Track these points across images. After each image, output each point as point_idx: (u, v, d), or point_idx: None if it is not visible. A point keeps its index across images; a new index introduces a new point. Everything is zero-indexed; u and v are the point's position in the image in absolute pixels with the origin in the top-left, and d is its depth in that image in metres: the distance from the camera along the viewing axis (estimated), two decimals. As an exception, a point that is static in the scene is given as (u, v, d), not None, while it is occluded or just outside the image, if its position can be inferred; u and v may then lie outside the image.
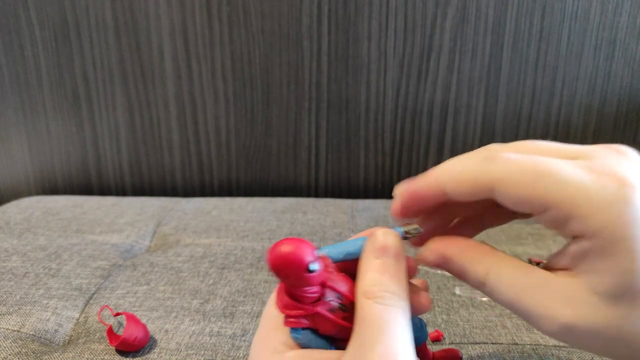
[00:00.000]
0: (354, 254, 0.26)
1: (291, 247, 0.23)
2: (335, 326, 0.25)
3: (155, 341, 0.41)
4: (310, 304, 0.24)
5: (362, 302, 0.24)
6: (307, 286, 0.24)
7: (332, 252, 0.26)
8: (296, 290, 0.24)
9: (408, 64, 0.72)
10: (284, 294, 0.25)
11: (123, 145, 0.78)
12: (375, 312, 0.23)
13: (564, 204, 0.22)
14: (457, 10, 0.69)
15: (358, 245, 0.26)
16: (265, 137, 0.77)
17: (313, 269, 0.23)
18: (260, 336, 0.27)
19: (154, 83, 0.74)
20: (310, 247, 0.23)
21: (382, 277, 0.24)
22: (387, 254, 0.25)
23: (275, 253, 0.23)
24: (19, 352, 0.40)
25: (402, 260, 0.26)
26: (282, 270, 0.23)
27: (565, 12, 0.69)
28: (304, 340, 0.25)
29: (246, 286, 0.49)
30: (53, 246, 0.57)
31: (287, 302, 0.24)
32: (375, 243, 0.25)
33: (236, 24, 0.71)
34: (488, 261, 0.25)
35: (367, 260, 0.25)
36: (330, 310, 0.25)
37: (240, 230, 0.62)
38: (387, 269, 0.25)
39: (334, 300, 0.25)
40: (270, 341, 0.26)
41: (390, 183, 0.79)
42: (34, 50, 0.73)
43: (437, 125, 0.75)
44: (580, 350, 0.39)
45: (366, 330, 0.23)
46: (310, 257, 0.23)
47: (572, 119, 0.74)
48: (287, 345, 0.26)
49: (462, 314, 0.44)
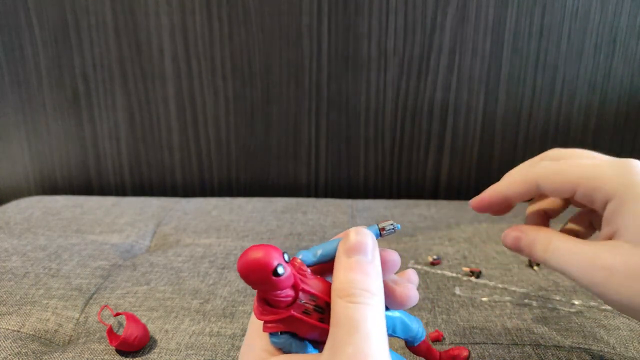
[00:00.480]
0: (328, 255, 0.26)
1: (257, 253, 0.23)
2: (312, 328, 0.25)
3: (155, 341, 0.41)
4: (285, 307, 0.24)
5: (335, 302, 0.24)
6: (277, 290, 0.24)
7: (306, 255, 0.26)
8: (269, 295, 0.24)
9: (408, 63, 0.72)
10: (259, 301, 0.25)
11: (123, 145, 0.78)
12: (346, 312, 0.23)
13: (587, 180, 0.30)
14: (457, 9, 0.69)
15: (332, 246, 0.26)
16: (265, 137, 0.77)
17: (280, 273, 0.23)
18: (245, 343, 0.28)
19: (154, 83, 0.74)
20: (276, 252, 0.24)
21: (354, 275, 0.25)
22: (358, 252, 0.25)
23: (242, 261, 0.23)
24: (19, 352, 0.40)
25: (375, 257, 0.26)
26: (249, 276, 0.23)
27: (566, 11, 0.69)
28: (283, 345, 0.26)
29: (246, 286, 0.49)
30: (53, 246, 0.57)
31: (262, 309, 0.25)
32: (347, 242, 0.26)
33: (236, 23, 0.71)
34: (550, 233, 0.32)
35: (339, 259, 0.26)
36: (304, 313, 0.25)
37: (240, 230, 0.62)
38: (359, 267, 0.25)
39: (308, 303, 0.25)
40: (254, 348, 0.26)
41: (390, 183, 0.78)
42: (34, 50, 0.73)
43: (437, 124, 0.75)
44: (580, 351, 0.39)
45: (338, 330, 0.23)
46: (276, 261, 0.23)
47: (572, 118, 0.74)
48: (268, 352, 0.26)
49: (462, 314, 0.44)
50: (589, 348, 0.40)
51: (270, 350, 0.26)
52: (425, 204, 0.71)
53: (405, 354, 0.37)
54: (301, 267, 0.25)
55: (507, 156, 0.76)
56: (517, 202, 0.34)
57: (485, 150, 0.76)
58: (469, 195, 0.78)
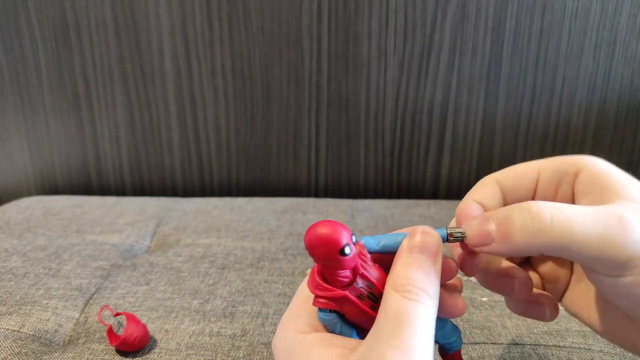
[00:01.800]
0: (391, 247, 0.26)
1: (328, 228, 0.23)
2: (361, 313, 0.25)
3: (155, 341, 0.41)
4: (341, 287, 0.24)
5: (389, 294, 0.24)
6: (339, 269, 0.24)
7: (369, 242, 0.26)
8: (328, 272, 0.24)
9: (408, 63, 0.72)
10: (317, 275, 0.25)
11: (123, 145, 0.78)
12: (398, 305, 0.23)
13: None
14: (457, 9, 0.69)
15: (396, 239, 0.26)
16: (265, 137, 0.77)
17: (346, 253, 0.23)
18: (289, 313, 0.27)
19: (154, 83, 0.74)
20: (347, 231, 0.24)
21: (414, 272, 0.24)
22: (422, 252, 0.25)
23: (312, 233, 0.23)
24: (19, 352, 0.40)
25: (438, 260, 0.25)
26: (316, 250, 0.23)
27: (566, 11, 0.69)
28: (329, 323, 0.25)
29: (246, 286, 0.49)
30: (53, 246, 0.57)
31: (318, 283, 0.25)
32: (413, 240, 0.25)
33: (236, 23, 0.71)
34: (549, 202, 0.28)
35: (402, 255, 0.25)
36: (358, 297, 0.25)
37: (240, 230, 0.62)
38: (420, 266, 0.24)
39: (364, 288, 0.25)
40: (297, 320, 0.26)
41: (390, 183, 0.78)
42: (34, 50, 0.73)
43: (437, 124, 0.75)
44: (580, 351, 0.39)
45: (386, 321, 0.23)
46: (345, 240, 0.23)
47: (572, 118, 0.74)
48: (311, 326, 0.26)
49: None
50: (589, 348, 0.40)
51: (314, 326, 0.26)
52: (425, 204, 0.71)
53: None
54: (362, 252, 0.25)
55: (507, 156, 0.76)
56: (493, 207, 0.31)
57: (485, 150, 0.76)
58: (469, 195, 0.78)
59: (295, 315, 0.27)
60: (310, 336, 0.25)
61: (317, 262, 0.25)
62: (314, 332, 0.25)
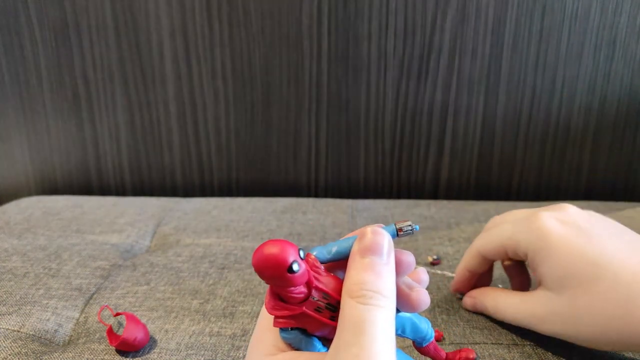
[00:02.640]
0: (343, 253, 0.26)
1: (273, 248, 0.23)
2: (323, 325, 0.25)
3: (155, 341, 0.41)
4: (297, 304, 0.24)
5: (345, 301, 0.24)
6: (291, 286, 0.24)
7: (321, 252, 0.26)
8: (282, 291, 0.24)
9: (408, 64, 0.72)
10: (272, 295, 0.25)
11: (123, 145, 0.78)
12: (355, 312, 0.23)
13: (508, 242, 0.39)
14: (457, 11, 0.69)
15: (347, 244, 0.26)
16: (265, 137, 0.77)
17: (295, 270, 0.23)
18: (255, 337, 0.27)
19: (154, 83, 0.74)
20: (292, 248, 0.23)
21: (366, 275, 0.24)
22: (373, 253, 0.25)
23: (257, 255, 0.23)
24: (19, 352, 0.40)
25: (390, 259, 0.25)
26: (264, 271, 0.23)
27: (565, 12, 0.69)
28: (292, 341, 0.25)
29: (246, 286, 0.49)
30: (53, 246, 0.57)
31: (274, 303, 0.25)
32: (362, 242, 0.25)
33: (236, 24, 0.71)
34: (494, 295, 0.41)
35: (354, 259, 0.25)
36: (316, 310, 0.25)
37: (240, 230, 0.62)
38: (373, 268, 0.24)
39: (320, 300, 0.25)
40: (263, 343, 0.26)
41: (390, 183, 0.79)
42: (34, 50, 0.73)
43: (437, 125, 0.75)
44: (580, 351, 0.39)
45: (345, 330, 0.23)
46: (292, 258, 0.23)
47: (572, 119, 0.74)
48: (277, 347, 0.26)
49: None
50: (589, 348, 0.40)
51: (280, 346, 0.26)
52: (425, 204, 0.71)
53: (412, 353, 0.37)
54: (315, 264, 0.25)
55: (507, 156, 0.76)
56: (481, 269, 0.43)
57: (485, 151, 0.76)
58: (469, 196, 0.78)
59: (260, 339, 0.27)
60: (278, 357, 0.25)
61: (268, 283, 0.24)
62: (280, 353, 0.25)
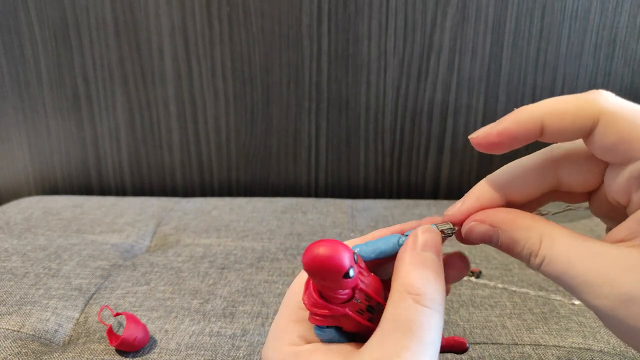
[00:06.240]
0: (387, 252, 0.25)
1: (331, 251, 0.22)
2: (360, 326, 0.25)
3: (155, 341, 0.41)
4: (339, 304, 0.24)
5: (400, 298, 0.22)
6: (340, 289, 0.23)
7: (364, 251, 0.25)
8: (327, 291, 0.23)
9: (408, 64, 0.72)
10: (314, 292, 0.24)
11: (123, 145, 0.78)
12: (411, 313, 0.22)
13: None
14: (457, 10, 0.69)
15: (391, 243, 0.25)
16: (265, 137, 0.77)
17: (351, 275, 0.22)
18: (278, 326, 0.27)
19: (154, 83, 0.74)
20: (349, 252, 0.22)
21: (427, 272, 0.23)
22: (429, 250, 0.24)
23: (313, 256, 0.22)
24: (19, 352, 0.40)
25: (440, 259, 0.24)
26: (319, 274, 0.22)
27: (566, 11, 0.69)
28: (327, 338, 0.25)
29: (246, 286, 0.49)
30: (53, 246, 0.57)
31: (315, 301, 0.24)
32: (419, 238, 0.24)
33: (236, 24, 0.71)
34: (541, 228, 0.23)
35: (407, 253, 0.24)
36: (357, 312, 0.24)
37: (240, 230, 0.62)
38: (431, 266, 0.23)
39: (362, 302, 0.24)
40: (288, 333, 0.26)
41: (390, 183, 0.78)
42: (34, 50, 0.73)
43: (437, 125, 0.75)
44: (580, 351, 0.39)
45: (396, 330, 0.22)
46: (349, 263, 0.22)
47: (572, 118, 0.74)
48: (304, 339, 0.25)
49: (462, 314, 0.44)
50: (589, 348, 0.40)
51: (307, 338, 0.25)
52: (425, 204, 0.71)
53: None
54: (359, 265, 0.24)
55: (507, 156, 0.76)
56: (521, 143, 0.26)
57: (485, 151, 0.76)
58: (469, 196, 0.78)
59: (284, 329, 0.26)
60: (305, 347, 0.25)
61: (316, 283, 0.24)
62: (306, 345, 0.25)
